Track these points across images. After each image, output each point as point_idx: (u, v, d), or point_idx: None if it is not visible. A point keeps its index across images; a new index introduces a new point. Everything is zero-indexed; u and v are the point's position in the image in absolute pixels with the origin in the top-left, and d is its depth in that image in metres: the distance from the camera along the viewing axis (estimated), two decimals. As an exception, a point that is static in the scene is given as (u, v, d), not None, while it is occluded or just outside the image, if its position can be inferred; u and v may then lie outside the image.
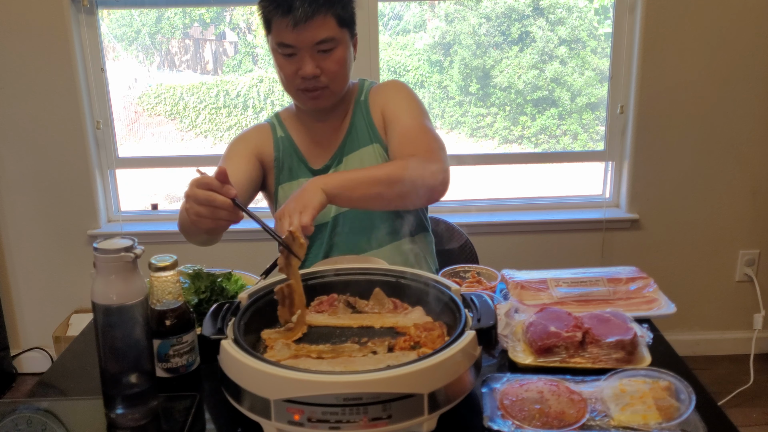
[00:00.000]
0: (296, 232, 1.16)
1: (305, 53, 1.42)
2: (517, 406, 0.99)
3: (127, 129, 2.87)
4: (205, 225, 1.17)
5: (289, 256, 1.15)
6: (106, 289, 0.95)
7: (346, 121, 1.60)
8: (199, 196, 1.14)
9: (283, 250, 1.15)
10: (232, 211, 1.15)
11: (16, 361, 2.89)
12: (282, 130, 1.63)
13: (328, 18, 1.41)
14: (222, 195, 1.14)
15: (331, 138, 1.61)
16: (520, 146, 2.84)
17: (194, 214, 1.16)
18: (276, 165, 1.61)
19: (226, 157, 1.59)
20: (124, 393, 0.99)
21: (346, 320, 1.18)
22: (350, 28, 1.48)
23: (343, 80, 1.50)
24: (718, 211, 2.74)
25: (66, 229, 2.75)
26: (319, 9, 1.38)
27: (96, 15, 2.59)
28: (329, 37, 1.42)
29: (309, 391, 0.88)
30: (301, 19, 1.37)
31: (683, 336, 2.84)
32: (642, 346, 1.15)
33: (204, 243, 1.46)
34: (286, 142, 1.62)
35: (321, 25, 1.40)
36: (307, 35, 1.40)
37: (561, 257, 2.78)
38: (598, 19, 2.70)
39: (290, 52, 1.43)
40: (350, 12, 1.47)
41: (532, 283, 1.37)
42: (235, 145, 1.61)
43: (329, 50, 1.43)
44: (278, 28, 1.42)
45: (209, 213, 1.15)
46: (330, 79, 1.46)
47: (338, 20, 1.43)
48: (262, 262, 1.33)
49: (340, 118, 1.60)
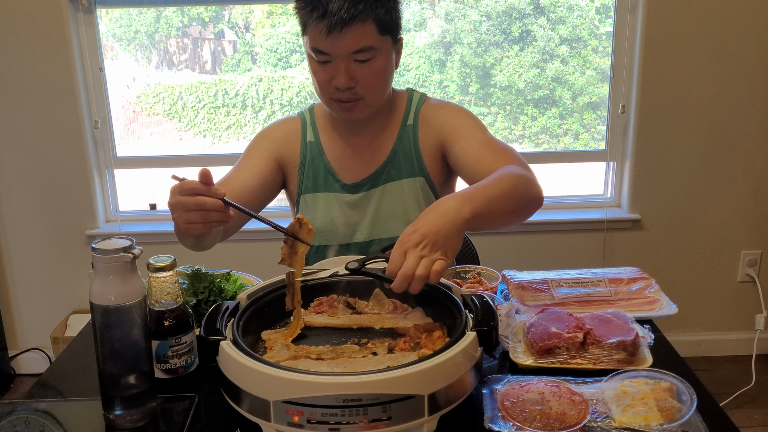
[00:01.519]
0: (304, 218, 1.12)
1: (340, 62, 1.30)
2: (517, 407, 0.98)
3: (126, 128, 2.86)
4: (197, 230, 1.12)
5: (294, 244, 1.12)
6: (105, 290, 0.94)
7: (388, 141, 1.49)
8: (187, 202, 1.08)
9: (287, 239, 1.12)
10: (224, 211, 1.11)
11: (14, 361, 2.88)
12: (313, 134, 1.52)
13: (368, 24, 1.27)
14: (210, 196, 1.08)
15: (366, 154, 1.49)
16: (521, 146, 2.84)
17: (184, 222, 1.11)
18: (300, 172, 1.51)
19: (247, 153, 1.50)
20: (123, 394, 0.98)
21: (345, 321, 1.17)
22: (393, 34, 1.35)
23: (381, 92, 1.39)
24: (720, 211, 2.73)
25: (64, 229, 2.75)
26: (359, 14, 1.25)
27: (94, 14, 2.58)
28: (367, 46, 1.29)
29: (308, 392, 0.88)
30: (337, 26, 1.25)
31: (685, 337, 2.84)
32: (643, 347, 1.15)
33: (195, 247, 1.36)
34: (314, 149, 1.51)
35: (359, 33, 1.27)
36: (342, 43, 1.27)
37: (562, 257, 2.77)
38: (599, 18, 2.69)
39: (325, 59, 1.31)
40: (394, 16, 1.33)
41: (533, 283, 1.37)
42: (259, 142, 1.52)
43: (367, 60, 1.31)
44: (313, 33, 1.29)
45: (200, 217, 1.09)
46: (366, 91, 1.34)
47: (379, 27, 1.29)
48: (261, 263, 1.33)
49: (379, 132, 1.49)
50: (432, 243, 1.00)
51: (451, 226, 1.03)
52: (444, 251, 1.01)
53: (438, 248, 1.01)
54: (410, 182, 1.48)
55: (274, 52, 2.80)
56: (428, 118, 1.48)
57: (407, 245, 1.00)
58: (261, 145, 1.51)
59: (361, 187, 1.49)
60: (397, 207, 1.49)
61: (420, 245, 1.00)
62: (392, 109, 1.50)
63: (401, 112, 1.51)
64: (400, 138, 1.49)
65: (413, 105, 1.51)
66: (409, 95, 1.52)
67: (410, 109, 1.50)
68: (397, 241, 1.03)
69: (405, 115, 1.50)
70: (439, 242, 1.01)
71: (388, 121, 1.49)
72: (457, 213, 1.04)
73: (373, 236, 1.50)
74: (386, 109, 1.48)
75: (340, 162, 1.50)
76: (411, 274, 0.98)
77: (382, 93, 1.40)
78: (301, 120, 1.55)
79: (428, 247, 1.00)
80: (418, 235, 1.01)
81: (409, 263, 0.99)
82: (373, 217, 1.50)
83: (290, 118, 1.57)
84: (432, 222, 1.02)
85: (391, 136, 1.49)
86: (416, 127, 1.48)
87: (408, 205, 1.49)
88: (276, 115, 2.82)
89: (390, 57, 1.37)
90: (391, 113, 1.50)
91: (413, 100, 1.51)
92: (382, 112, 1.47)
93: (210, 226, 1.12)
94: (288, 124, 1.55)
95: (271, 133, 1.54)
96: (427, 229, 1.01)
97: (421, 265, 0.99)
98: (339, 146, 1.51)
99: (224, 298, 1.30)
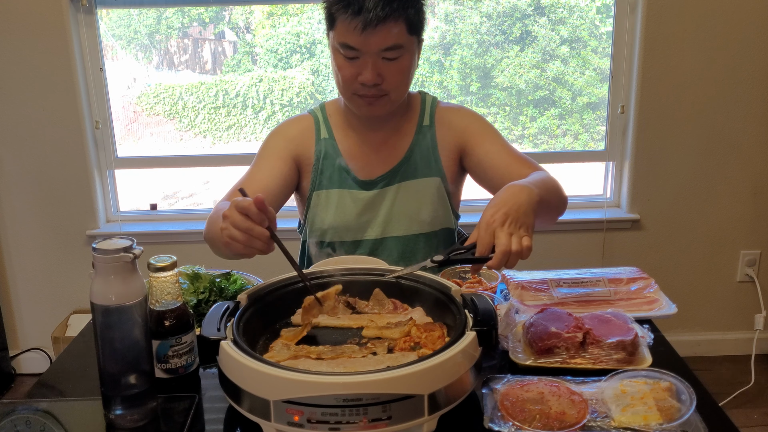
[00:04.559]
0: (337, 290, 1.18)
1: (369, 58, 1.32)
2: (517, 407, 0.98)
3: (126, 129, 2.87)
4: (236, 250, 1.11)
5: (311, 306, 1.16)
6: (105, 290, 0.94)
7: (404, 140, 1.51)
8: (239, 222, 1.07)
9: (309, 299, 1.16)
10: (267, 243, 1.10)
11: (15, 361, 2.88)
12: (327, 131, 1.52)
13: (399, 23, 1.31)
14: (260, 225, 1.08)
15: (382, 151, 1.51)
16: (521, 146, 2.84)
17: (228, 236, 1.10)
18: (314, 170, 1.51)
19: (264, 153, 1.50)
20: (123, 394, 0.99)
21: (345, 321, 1.18)
22: (419, 35, 1.39)
23: (404, 89, 1.42)
24: (719, 212, 2.74)
25: (65, 229, 2.75)
26: (392, 13, 1.28)
27: (95, 14, 2.58)
28: (397, 44, 1.32)
29: (308, 391, 0.88)
30: (372, 23, 1.27)
31: (684, 337, 2.84)
32: (643, 346, 1.15)
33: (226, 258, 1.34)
34: (329, 147, 1.51)
35: (390, 31, 1.30)
36: (374, 40, 1.30)
37: (562, 257, 2.77)
38: (600, 18, 2.69)
39: (353, 55, 1.33)
40: (422, 17, 1.38)
41: (532, 283, 1.37)
42: (274, 141, 1.52)
43: (395, 58, 1.34)
44: (344, 28, 1.31)
45: (244, 240, 1.08)
46: (391, 88, 1.37)
47: (408, 26, 1.33)
48: (261, 263, 1.33)
49: (395, 131, 1.51)
50: (515, 220, 1.08)
51: (527, 205, 1.11)
52: (526, 228, 1.09)
53: (521, 225, 1.08)
54: (427, 182, 1.50)
55: (275, 52, 2.81)
56: (447, 120, 1.52)
57: (494, 225, 1.07)
58: (278, 145, 1.51)
59: (375, 184, 1.50)
60: (411, 206, 1.50)
61: (506, 223, 1.07)
62: (408, 109, 1.52)
63: (416, 112, 1.53)
64: (416, 138, 1.51)
65: (428, 106, 1.53)
66: (422, 97, 1.55)
67: (425, 110, 1.53)
68: (482, 224, 1.09)
69: (420, 116, 1.52)
70: (520, 219, 1.08)
71: (404, 120, 1.52)
72: (529, 194, 1.13)
73: (385, 234, 1.50)
74: (402, 108, 1.51)
75: (355, 159, 1.51)
76: (508, 250, 1.05)
77: (405, 90, 1.44)
78: (314, 117, 1.54)
79: (514, 224, 1.08)
80: (502, 213, 1.08)
81: (503, 240, 1.05)
82: (386, 215, 1.51)
83: (302, 116, 1.56)
84: (512, 201, 1.10)
85: (407, 135, 1.51)
86: (433, 128, 1.51)
87: (422, 204, 1.50)
88: (276, 115, 2.82)
89: (414, 56, 1.40)
90: (407, 113, 1.52)
91: (427, 101, 1.54)
92: (398, 111, 1.50)
93: (251, 251, 1.11)
94: (301, 122, 1.55)
95: (285, 131, 1.53)
96: (508, 207, 1.08)
97: (513, 241, 1.06)
98: (354, 143, 1.51)
99: (224, 298, 1.30)
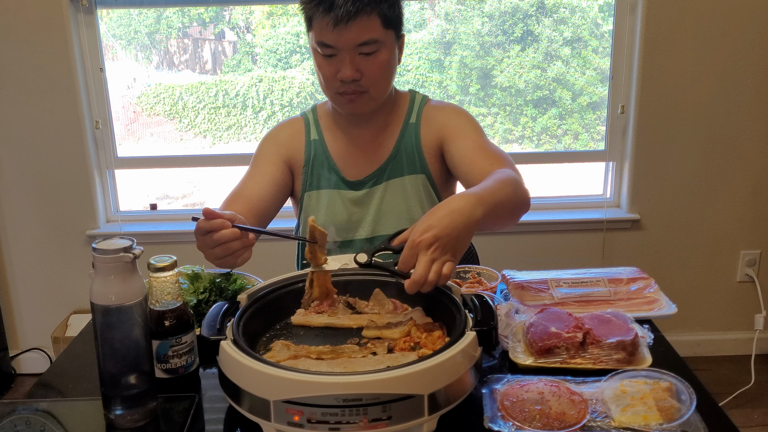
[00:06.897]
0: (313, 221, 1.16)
1: (346, 55, 1.34)
2: (517, 407, 0.98)
3: (126, 129, 2.87)
4: (228, 263, 1.18)
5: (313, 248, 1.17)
6: (105, 290, 0.94)
7: (390, 138, 1.52)
8: (207, 241, 1.13)
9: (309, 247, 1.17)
10: (243, 237, 1.14)
11: (15, 361, 2.88)
12: (316, 132, 1.55)
13: (373, 18, 1.32)
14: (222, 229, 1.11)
15: (370, 150, 1.52)
16: (521, 146, 2.84)
17: (212, 258, 1.16)
18: (305, 171, 1.53)
19: (258, 160, 1.53)
20: (123, 394, 0.99)
21: (345, 321, 1.18)
22: (396, 29, 1.40)
23: (384, 85, 1.42)
24: (719, 212, 2.74)
25: (65, 230, 2.75)
26: (363, 8, 1.30)
27: (95, 14, 2.59)
28: (372, 39, 1.34)
29: (308, 392, 0.88)
30: (343, 19, 1.29)
31: (684, 337, 2.84)
32: (643, 346, 1.15)
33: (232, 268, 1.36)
34: (318, 147, 1.53)
35: (364, 26, 1.32)
36: (348, 36, 1.32)
37: (562, 257, 2.77)
38: (602, 17, 2.69)
39: (330, 52, 1.35)
40: (397, 12, 1.38)
41: (532, 283, 1.37)
42: (267, 147, 1.55)
43: (372, 53, 1.35)
44: (319, 27, 1.34)
45: (223, 251, 1.13)
46: (370, 84, 1.38)
47: (383, 20, 1.34)
48: (261, 263, 1.33)
49: (382, 129, 1.52)
50: (444, 245, 1.00)
51: (463, 227, 1.03)
52: (453, 253, 1.02)
53: (448, 250, 1.01)
54: (412, 179, 1.51)
55: (275, 52, 2.81)
56: (430, 118, 1.52)
57: (419, 247, 1.00)
58: (270, 150, 1.54)
59: (364, 183, 1.52)
60: (400, 204, 1.51)
61: (432, 247, 1.00)
62: (395, 108, 1.53)
63: (404, 110, 1.54)
64: (402, 135, 1.51)
65: (416, 105, 1.54)
66: (412, 96, 1.56)
67: (413, 108, 1.53)
68: (410, 239, 1.02)
69: (408, 114, 1.53)
70: (450, 244, 1.01)
71: (391, 119, 1.52)
72: (470, 214, 1.04)
73: (376, 233, 1.52)
74: (389, 107, 1.51)
75: (344, 159, 1.53)
76: (422, 281, 0.99)
77: (386, 86, 1.43)
78: (305, 120, 1.57)
79: (440, 249, 1.00)
80: (431, 236, 1.00)
81: (420, 270, 0.99)
82: (375, 214, 1.52)
83: (293, 119, 1.59)
84: (446, 222, 1.01)
85: (394, 134, 1.52)
86: (419, 125, 1.51)
87: (411, 202, 1.51)
88: (276, 115, 2.82)
89: (393, 51, 1.40)
90: (394, 111, 1.53)
91: (416, 100, 1.55)
92: (384, 110, 1.50)
93: (236, 255, 1.15)
94: (292, 125, 1.57)
95: (277, 136, 1.57)
96: (440, 230, 1.00)
97: (432, 270, 0.99)
98: (342, 144, 1.53)
99: (224, 298, 1.30)
